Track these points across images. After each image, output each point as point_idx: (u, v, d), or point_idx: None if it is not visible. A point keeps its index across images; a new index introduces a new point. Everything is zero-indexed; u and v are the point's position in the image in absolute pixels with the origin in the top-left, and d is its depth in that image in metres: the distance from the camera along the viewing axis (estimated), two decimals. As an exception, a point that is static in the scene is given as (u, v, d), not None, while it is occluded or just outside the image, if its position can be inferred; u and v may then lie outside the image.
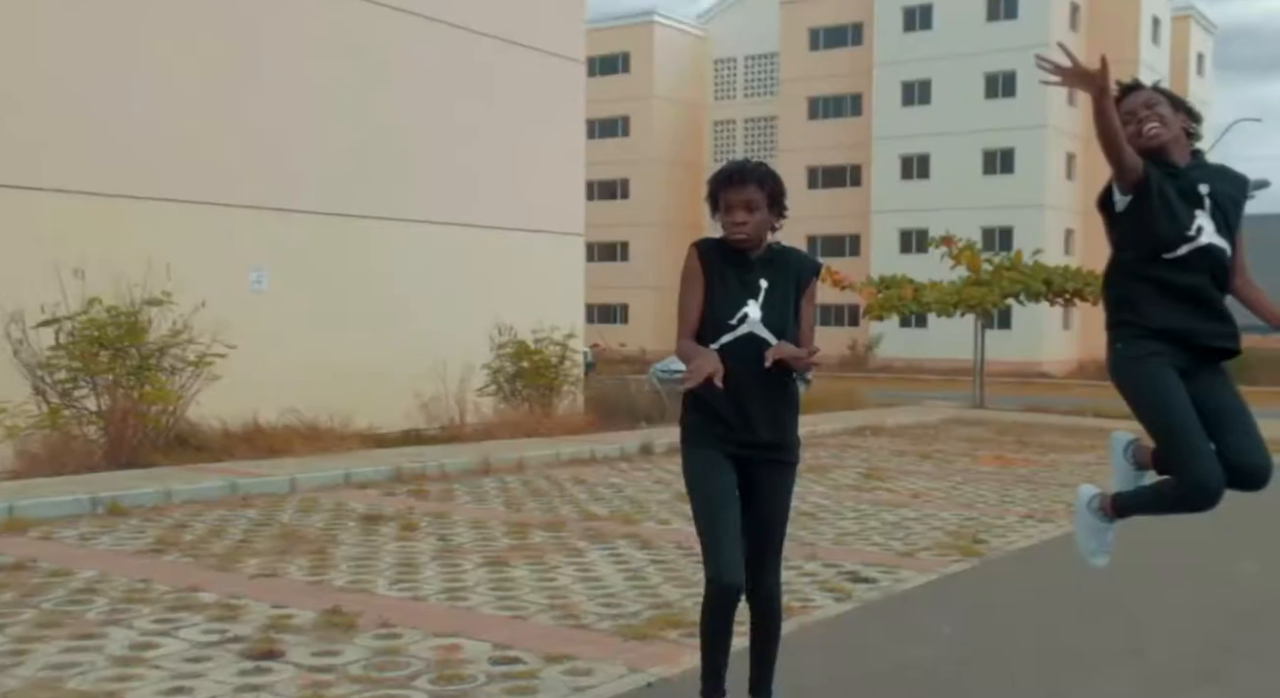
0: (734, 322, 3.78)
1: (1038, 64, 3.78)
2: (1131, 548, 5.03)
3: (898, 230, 46.23)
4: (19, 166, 12.00)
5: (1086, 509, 4.17)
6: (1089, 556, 4.19)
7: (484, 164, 16.80)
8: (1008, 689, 4.81)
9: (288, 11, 14.45)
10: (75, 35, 12.47)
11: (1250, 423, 3.85)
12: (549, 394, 16.01)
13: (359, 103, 15.14)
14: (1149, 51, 47.39)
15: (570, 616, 5.71)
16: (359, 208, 15.21)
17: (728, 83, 56.06)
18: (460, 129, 16.44)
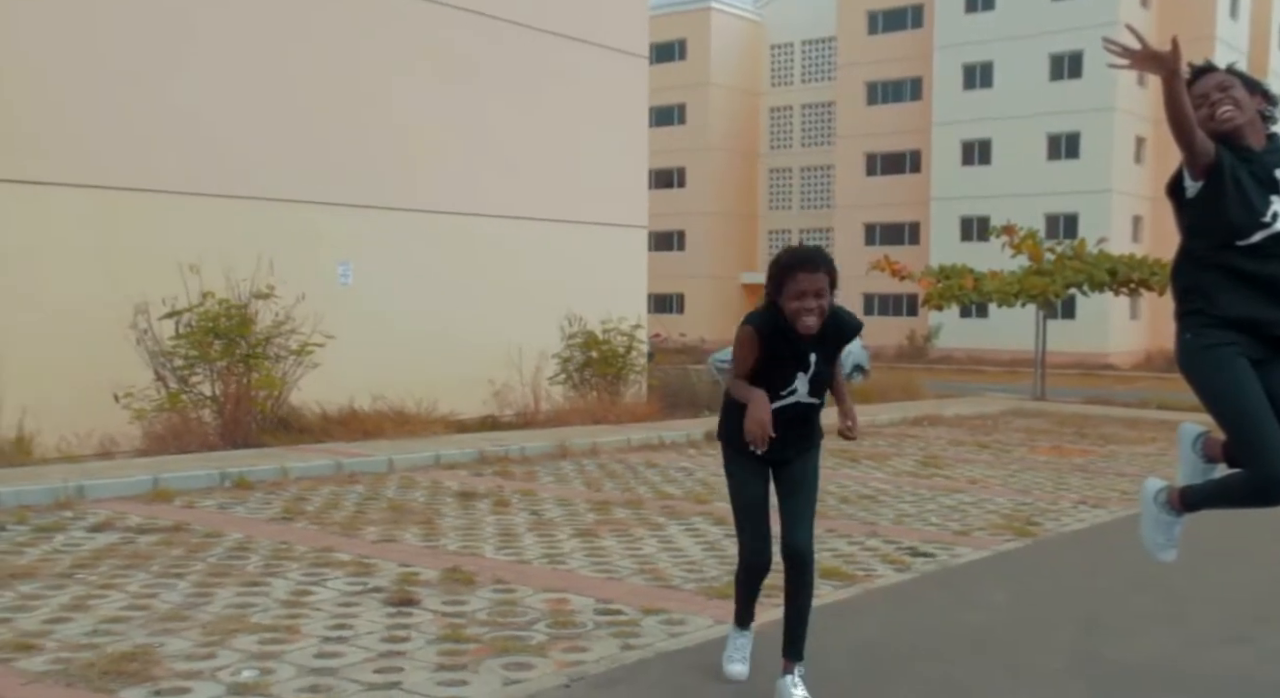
0: (784, 393, 4.20)
1: (1105, 47, 3.75)
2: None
3: (958, 218, 46.26)
4: (141, 171, 13.02)
5: (1153, 503, 4.13)
6: (1156, 550, 4.18)
7: (551, 160, 17.57)
8: (1052, 648, 5.45)
9: (359, 19, 15.22)
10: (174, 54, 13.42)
11: None
12: (616, 383, 16.74)
13: (437, 103, 15.97)
14: (1226, 27, 46.25)
15: (659, 578, 6.44)
16: (435, 204, 16.05)
17: (784, 69, 56.12)
18: (529, 126, 17.21)
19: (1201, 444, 4.13)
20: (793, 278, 4.04)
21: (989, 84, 45.86)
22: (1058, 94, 44.23)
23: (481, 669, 4.68)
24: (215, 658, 4.76)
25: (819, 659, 4.75)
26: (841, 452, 13.12)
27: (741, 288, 55.42)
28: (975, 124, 45.94)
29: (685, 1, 53.73)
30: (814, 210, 54.60)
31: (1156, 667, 5.09)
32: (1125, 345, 43.25)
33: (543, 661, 4.82)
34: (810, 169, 54.86)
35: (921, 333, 45.22)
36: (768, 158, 56.12)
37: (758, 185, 56.14)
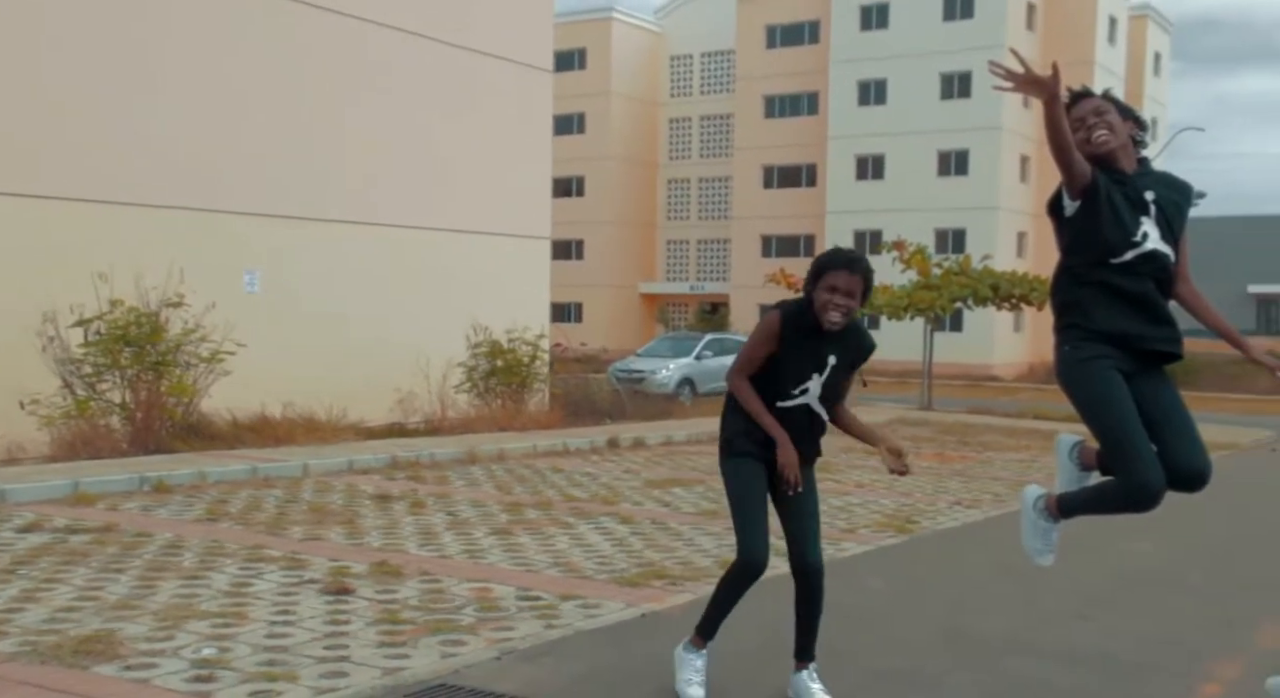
0: (795, 392, 4.33)
1: (990, 69, 3.86)
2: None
3: (852, 231, 47.58)
4: (48, 178, 13.17)
5: (1032, 509, 4.26)
6: (1035, 555, 4.30)
7: (455, 170, 18.01)
8: (923, 624, 6.15)
9: (268, 26, 15.49)
10: (99, 61, 13.59)
11: (1191, 426, 3.98)
12: (521, 391, 17.24)
13: (338, 113, 16.26)
14: (1105, 52, 48.54)
15: (573, 570, 7.01)
16: (342, 214, 16.37)
17: (684, 80, 56.97)
18: (433, 137, 17.62)
19: (1078, 453, 4.26)
20: (833, 273, 4.21)
21: (883, 101, 47.39)
22: (948, 112, 45.89)
23: (420, 646, 5.20)
24: (174, 639, 5.20)
25: (731, 639, 5.38)
26: (738, 456, 13.81)
27: (640, 297, 56.18)
28: (869, 139, 47.39)
29: (586, 11, 54.26)
30: (712, 221, 55.63)
31: (1011, 639, 5.83)
32: (1009, 358, 44.98)
33: (474, 638, 5.36)
34: (708, 180, 55.88)
35: (815, 343, 46.38)
36: (667, 168, 57.01)
37: (656, 195, 56.97)
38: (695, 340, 28.47)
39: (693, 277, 56.23)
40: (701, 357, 27.31)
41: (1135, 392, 3.89)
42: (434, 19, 17.60)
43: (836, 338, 4.32)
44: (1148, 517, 4.19)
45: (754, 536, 4.40)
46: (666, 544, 7.96)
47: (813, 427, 4.44)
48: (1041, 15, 47.75)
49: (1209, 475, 3.92)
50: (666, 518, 9.19)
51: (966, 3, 45.88)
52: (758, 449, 4.39)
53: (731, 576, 4.53)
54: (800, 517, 4.49)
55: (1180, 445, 3.89)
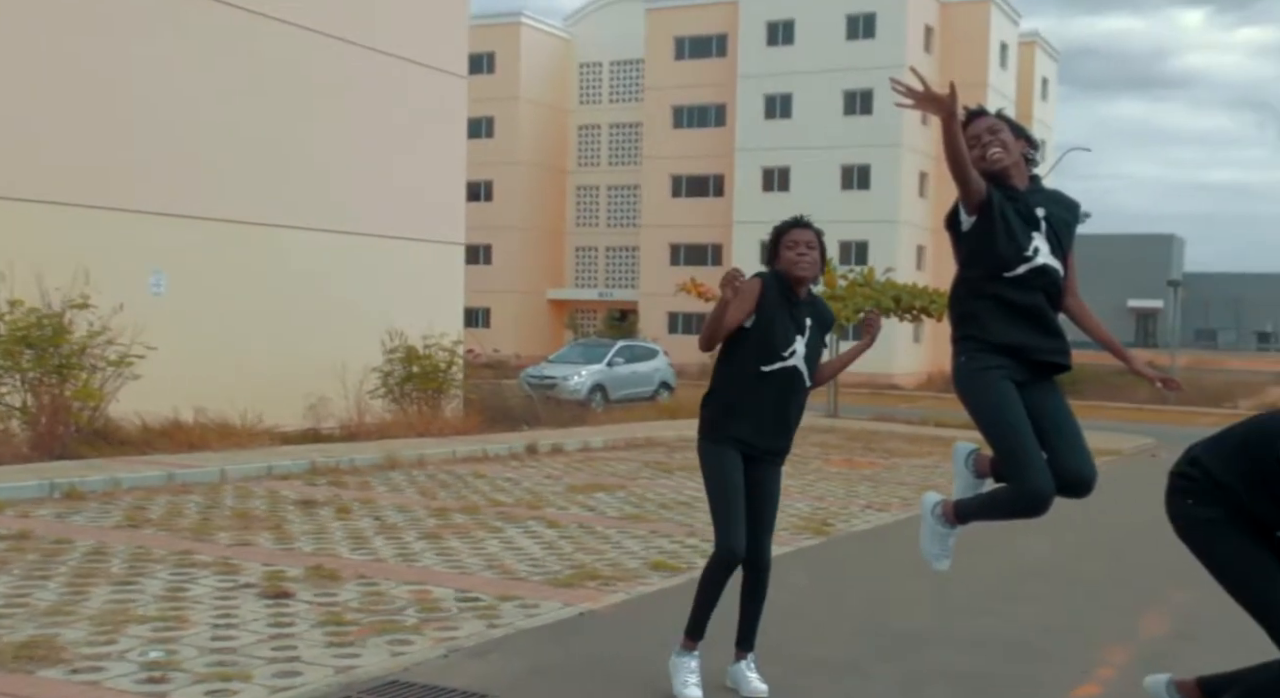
0: (786, 354, 4.57)
1: (892, 87, 3.97)
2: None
3: (759, 241, 48.26)
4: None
5: (930, 516, 4.35)
6: (932, 559, 4.38)
7: (371, 175, 17.99)
8: (843, 617, 6.46)
9: (176, 24, 15.29)
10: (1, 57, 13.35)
11: (1079, 434, 4.12)
12: (437, 397, 17.29)
13: (251, 115, 16.13)
14: (997, 76, 50.37)
15: (507, 572, 7.18)
16: (255, 217, 16.24)
17: (593, 87, 57.17)
18: (348, 141, 17.58)
19: (973, 461, 4.36)
20: (789, 233, 4.62)
21: (788, 114, 48.31)
22: (851, 128, 47.01)
23: (368, 645, 5.34)
24: (117, 644, 5.25)
25: (664, 633, 5.60)
26: (656, 464, 14.11)
27: (548, 303, 56.23)
28: (775, 152, 48.24)
29: (495, 15, 54.10)
30: (621, 228, 55.93)
31: (925, 630, 6.18)
32: (909, 367, 46.12)
33: (420, 638, 5.51)
34: (617, 188, 56.18)
35: (722, 351, 46.95)
36: (575, 175, 57.17)
37: (565, 202, 57.09)
38: (607, 347, 28.70)
39: (601, 283, 56.46)
40: (613, 364, 27.56)
41: (1027, 401, 4.02)
42: (348, 22, 17.57)
43: (808, 304, 4.66)
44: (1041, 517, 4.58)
45: (733, 529, 4.56)
46: (595, 547, 8.17)
47: (797, 394, 4.64)
48: (939, 38, 49.19)
49: (1095, 482, 4.07)
50: (592, 522, 9.39)
51: (869, 23, 47.07)
52: (740, 427, 4.60)
53: (710, 568, 4.69)
54: (759, 514, 4.67)
55: (1069, 453, 4.02)
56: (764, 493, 4.69)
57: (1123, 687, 5.26)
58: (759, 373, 4.57)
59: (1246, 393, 37.63)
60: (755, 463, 4.66)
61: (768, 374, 4.57)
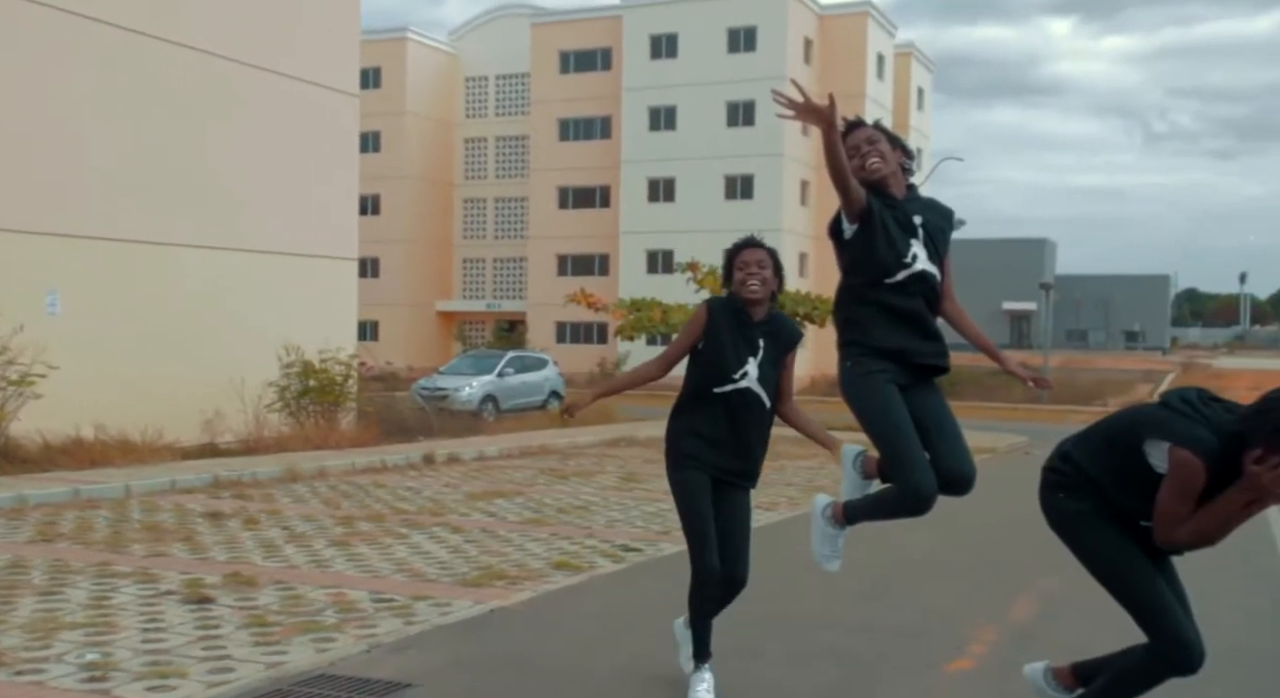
0: (736, 376, 4.64)
1: (774, 98, 4.05)
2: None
3: (645, 251, 49.10)
4: None
5: (820, 517, 4.47)
6: (823, 560, 4.50)
7: (264, 193, 18.03)
8: (744, 609, 6.94)
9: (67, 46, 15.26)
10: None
11: (958, 435, 4.26)
12: (334, 410, 17.45)
13: (146, 135, 16.10)
14: (875, 86, 51.89)
15: (417, 575, 7.54)
16: (150, 235, 16.19)
17: (479, 101, 57.34)
18: (242, 160, 17.61)
19: (860, 463, 4.44)
20: (741, 254, 4.66)
21: (673, 126, 49.14)
22: (734, 139, 48.03)
23: (293, 644, 5.66)
24: (52, 648, 5.49)
25: (572, 627, 6.04)
26: (551, 471, 14.50)
27: (437, 315, 56.13)
28: (660, 163, 49.02)
29: (380, 30, 53.91)
30: (508, 240, 56.14)
31: (817, 617, 6.72)
32: (795, 372, 47.19)
33: (342, 636, 5.85)
34: (504, 200, 56.39)
35: (611, 360, 47.45)
36: (463, 188, 57.20)
37: (453, 214, 57.07)
38: (497, 358, 28.96)
39: (489, 295, 56.57)
40: (504, 374, 27.84)
41: (909, 403, 4.14)
42: (239, 42, 17.60)
43: (764, 325, 4.70)
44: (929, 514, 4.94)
45: (706, 550, 4.65)
46: (499, 550, 8.56)
47: (759, 417, 4.72)
48: (818, 50, 50.50)
49: (974, 480, 4.22)
50: (494, 527, 9.77)
51: (749, 36, 48.12)
52: (695, 446, 4.71)
53: (693, 593, 4.80)
54: (729, 536, 4.77)
55: (949, 453, 4.15)
56: (731, 515, 4.79)
57: (992, 660, 5.87)
58: (711, 394, 4.67)
59: (1115, 391, 39.48)
60: (721, 485, 4.75)
61: (719, 396, 4.66)
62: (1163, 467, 3.63)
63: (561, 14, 53.61)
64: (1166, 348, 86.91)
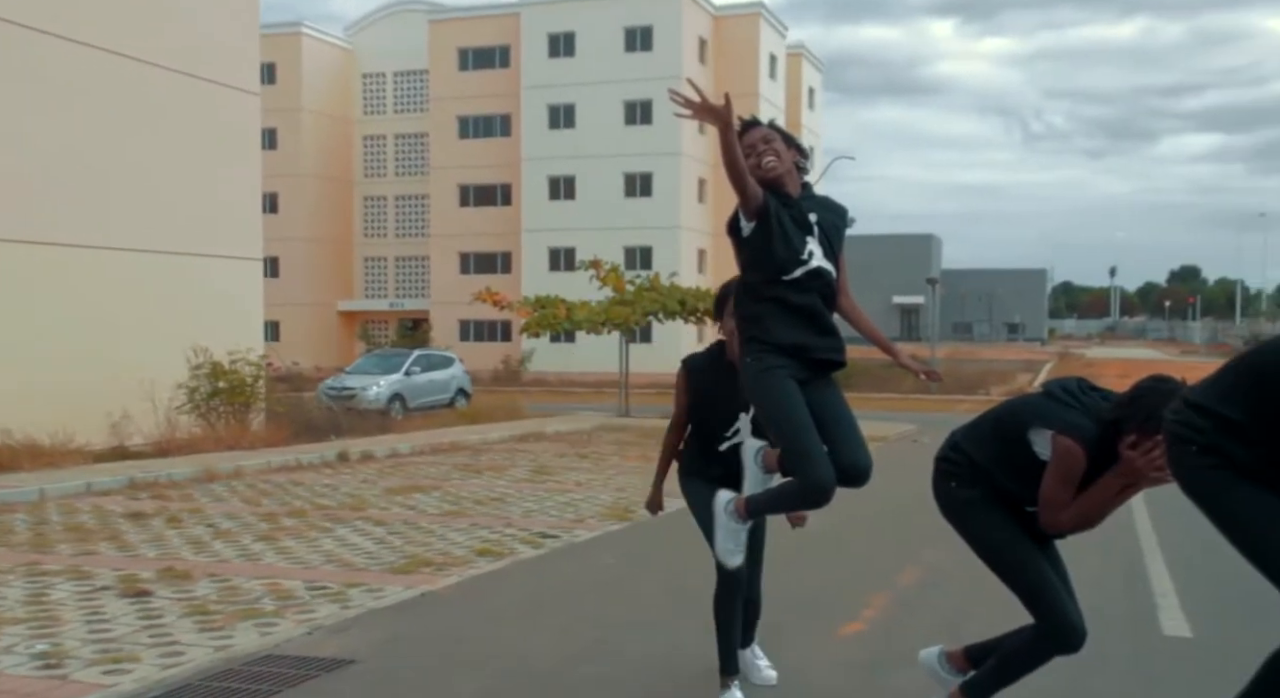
0: (728, 435, 4.74)
1: (671, 97, 4.10)
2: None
3: (547, 248, 49.44)
4: None
5: (723, 513, 4.43)
6: (726, 555, 4.47)
7: (168, 193, 18.03)
8: (651, 586, 7.47)
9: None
10: None
11: (856, 428, 4.32)
12: (245, 410, 17.55)
13: (42, 133, 16.02)
14: (768, 86, 53.00)
15: (347, 564, 7.89)
16: (52, 236, 16.13)
17: (377, 98, 56.97)
18: (142, 159, 17.58)
19: (761, 457, 4.45)
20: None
21: (572, 125, 49.53)
22: (632, 137, 48.61)
23: (237, 629, 6.01)
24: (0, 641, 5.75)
25: (497, 606, 6.46)
26: (464, 466, 14.86)
27: (338, 315, 55.76)
28: (560, 161, 49.39)
29: (274, 25, 53.16)
30: (410, 238, 55.98)
31: (722, 594, 7.23)
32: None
33: (283, 620, 6.21)
34: (405, 198, 56.21)
35: (515, 357, 47.73)
36: (362, 185, 56.87)
37: (353, 212, 56.71)
38: (404, 357, 29.09)
39: (392, 293, 56.37)
40: (410, 372, 28.00)
41: (808, 398, 4.19)
42: (138, 40, 17.56)
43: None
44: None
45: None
46: (422, 540, 8.95)
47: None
48: (712, 50, 51.38)
49: (870, 472, 4.28)
50: (415, 519, 10.13)
51: (646, 36, 48.71)
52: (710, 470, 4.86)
53: (720, 596, 4.82)
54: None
55: (847, 446, 4.20)
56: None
57: (881, 622, 6.48)
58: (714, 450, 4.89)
59: (999, 381, 41.00)
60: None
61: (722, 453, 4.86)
62: (1046, 454, 3.85)
63: (459, 11, 53.62)
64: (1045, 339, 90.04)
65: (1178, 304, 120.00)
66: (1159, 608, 7.01)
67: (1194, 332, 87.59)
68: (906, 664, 5.63)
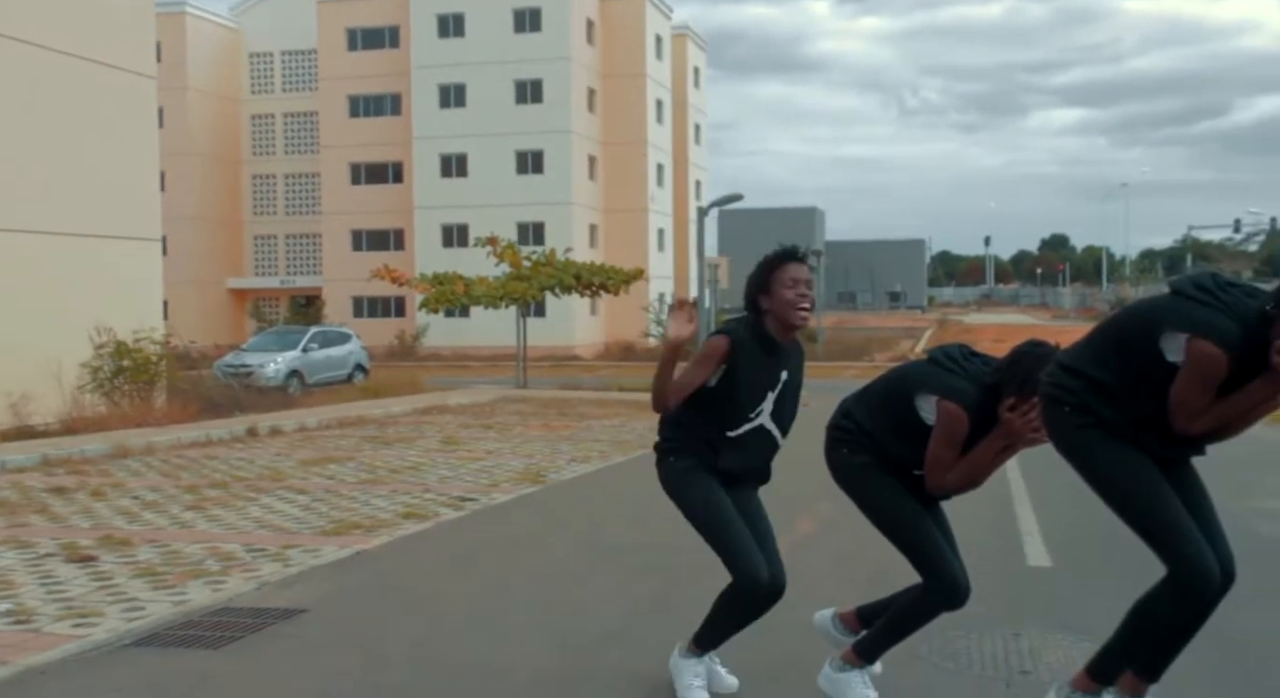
0: (752, 415, 4.26)
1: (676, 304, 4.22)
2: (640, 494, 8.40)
3: (440, 225, 49.49)
4: None
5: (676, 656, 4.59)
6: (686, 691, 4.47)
7: (66, 175, 17.97)
8: (568, 542, 8.07)
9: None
10: None
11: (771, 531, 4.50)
12: (150, 389, 17.65)
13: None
14: (654, 66, 53.70)
15: (279, 529, 8.33)
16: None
17: (265, 77, 56.25)
18: (40, 141, 17.49)
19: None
20: (784, 268, 4.18)
21: (463, 104, 49.57)
22: (524, 116, 48.89)
23: (189, 587, 6.45)
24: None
25: (430, 561, 6.99)
26: (373, 438, 15.25)
27: (229, 293, 55.02)
28: (452, 139, 49.41)
29: (160, 5, 51.96)
30: (301, 216, 55.44)
31: (633, 545, 7.89)
32: (588, 339, 48.71)
33: (231, 578, 6.66)
34: (295, 176, 55.61)
35: (410, 333, 47.80)
36: (251, 164, 56.09)
37: (241, 191, 55.92)
38: (301, 334, 29.17)
39: (283, 271, 55.80)
40: (308, 349, 28.13)
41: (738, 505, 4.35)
42: (29, 23, 17.44)
43: (788, 352, 4.34)
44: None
45: (746, 555, 4.27)
46: (347, 506, 9.40)
47: (766, 450, 4.43)
48: (599, 31, 51.78)
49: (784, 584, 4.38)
50: (336, 488, 10.55)
51: (534, 17, 48.97)
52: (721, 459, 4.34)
53: (739, 608, 4.39)
54: (758, 525, 4.46)
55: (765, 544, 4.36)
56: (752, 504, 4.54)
57: (778, 565, 7.16)
58: (724, 435, 4.31)
59: (881, 347, 42.54)
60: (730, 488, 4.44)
61: (732, 438, 4.33)
62: (931, 418, 4.05)
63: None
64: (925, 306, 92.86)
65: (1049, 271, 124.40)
66: (1024, 543, 7.87)
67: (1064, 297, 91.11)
68: (805, 600, 6.35)
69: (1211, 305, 3.57)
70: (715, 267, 27.03)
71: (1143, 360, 3.67)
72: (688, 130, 59.72)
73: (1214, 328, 3.50)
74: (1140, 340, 3.69)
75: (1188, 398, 3.59)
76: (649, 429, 16.42)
